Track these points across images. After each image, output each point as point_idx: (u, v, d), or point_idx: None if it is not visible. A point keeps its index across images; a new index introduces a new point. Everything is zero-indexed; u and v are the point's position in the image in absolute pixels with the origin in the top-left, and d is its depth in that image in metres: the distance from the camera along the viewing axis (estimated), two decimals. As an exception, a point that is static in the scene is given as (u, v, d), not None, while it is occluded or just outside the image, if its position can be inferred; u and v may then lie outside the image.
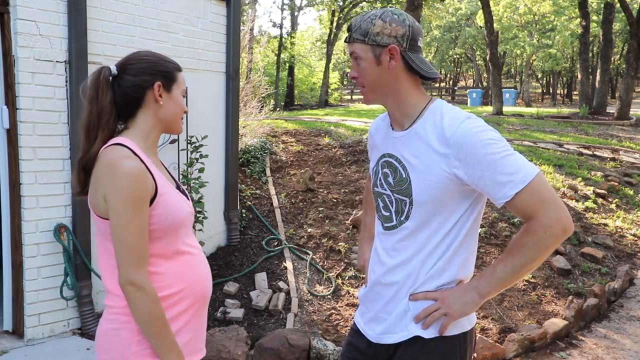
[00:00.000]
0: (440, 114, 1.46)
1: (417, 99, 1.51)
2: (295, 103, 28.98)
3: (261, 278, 4.35)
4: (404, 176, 1.48)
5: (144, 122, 1.54)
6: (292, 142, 7.94)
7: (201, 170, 4.23)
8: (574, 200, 6.30)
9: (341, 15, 26.95)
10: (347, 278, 4.42)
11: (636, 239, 5.78)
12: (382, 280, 1.56)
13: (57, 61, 3.44)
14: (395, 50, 1.44)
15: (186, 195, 1.63)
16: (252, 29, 11.64)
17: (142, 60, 1.53)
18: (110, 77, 1.51)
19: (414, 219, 1.48)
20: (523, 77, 35.11)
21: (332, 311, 4.00)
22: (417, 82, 1.52)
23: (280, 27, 28.78)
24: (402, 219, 1.50)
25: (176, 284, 1.52)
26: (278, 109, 17.45)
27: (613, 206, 6.49)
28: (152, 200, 1.45)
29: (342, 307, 4.06)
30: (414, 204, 1.47)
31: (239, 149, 5.75)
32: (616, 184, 7.11)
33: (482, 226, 5.06)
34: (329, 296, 4.19)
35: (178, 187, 1.63)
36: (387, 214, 1.55)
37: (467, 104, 28.43)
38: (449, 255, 1.48)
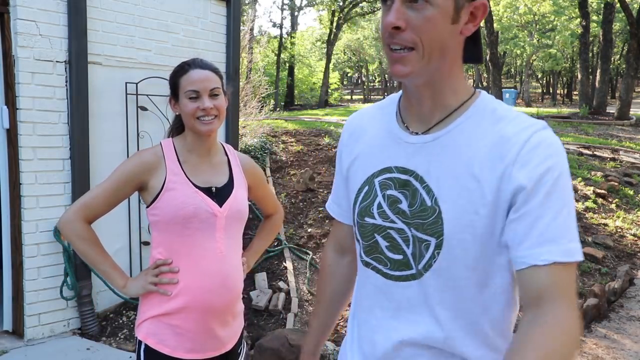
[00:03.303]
0: (498, 114, 0.96)
1: (464, 86, 1.00)
2: (295, 103, 29.00)
3: (261, 278, 4.35)
4: (429, 204, 0.95)
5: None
6: (292, 142, 7.94)
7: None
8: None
9: (341, 15, 26.96)
10: (347, 278, 4.41)
11: (636, 239, 5.78)
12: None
13: (57, 61, 3.44)
14: (485, 10, 0.94)
15: (223, 197, 1.65)
16: (252, 29, 11.64)
17: None
18: None
19: (440, 271, 0.96)
20: (523, 77, 35.12)
21: (332, 311, 3.99)
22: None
23: (280, 27, 28.81)
24: (420, 267, 0.98)
25: (178, 285, 1.61)
26: (278, 109, 17.47)
27: (613, 206, 6.49)
28: (158, 194, 1.60)
29: (342, 307, 4.05)
30: (443, 247, 0.94)
31: (239, 149, 5.75)
32: (616, 184, 7.11)
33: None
34: (329, 296, 4.18)
35: (213, 188, 1.65)
36: (399, 257, 1.01)
37: (467, 104, 28.41)
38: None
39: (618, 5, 16.75)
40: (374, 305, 1.06)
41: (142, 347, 1.62)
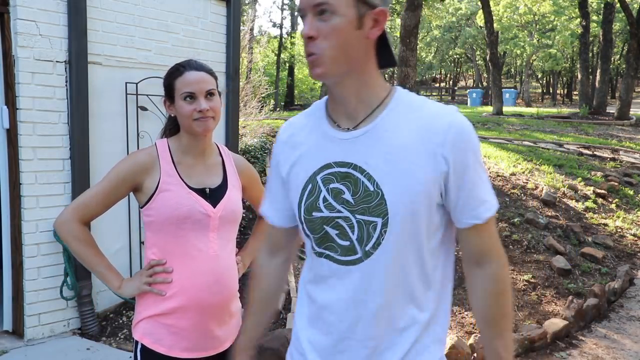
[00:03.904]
0: (416, 104, 1.13)
1: (381, 84, 1.15)
2: (296, 103, 29.00)
3: (261, 278, 4.34)
4: (372, 189, 1.09)
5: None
6: (292, 142, 7.93)
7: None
8: (574, 200, 6.30)
9: (341, 15, 26.94)
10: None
11: (636, 239, 5.78)
12: (356, 335, 1.15)
13: (57, 61, 3.44)
14: (385, 16, 1.09)
15: (217, 198, 1.66)
16: (252, 29, 11.66)
17: None
18: None
19: (388, 246, 1.10)
20: (523, 77, 35.11)
21: (332, 311, 3.99)
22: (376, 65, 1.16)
23: (280, 27, 28.82)
24: (368, 248, 1.11)
25: (172, 285, 1.62)
26: (278, 109, 17.48)
27: (613, 206, 6.49)
28: (152, 195, 1.61)
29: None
30: (389, 225, 1.09)
31: (239, 149, 5.75)
32: (616, 184, 7.11)
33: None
34: (329, 296, 4.18)
35: (207, 189, 1.66)
36: (346, 243, 1.13)
37: (467, 104, 28.43)
38: (432, 297, 1.18)
39: (618, 5, 16.75)
40: (328, 288, 1.17)
41: (139, 347, 1.64)
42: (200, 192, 1.64)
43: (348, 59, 1.08)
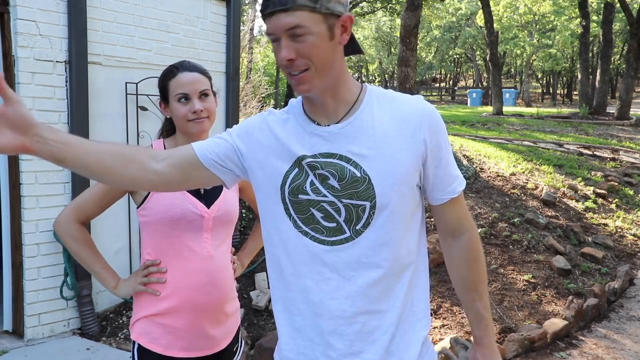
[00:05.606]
0: (388, 96, 1.23)
1: (353, 81, 1.23)
2: (295, 103, 29.04)
3: (261, 278, 4.35)
4: (359, 175, 1.16)
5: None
6: (292, 142, 7.94)
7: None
8: (574, 200, 6.30)
9: (341, 15, 26.95)
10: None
11: (636, 239, 5.78)
12: (358, 309, 1.19)
13: (57, 61, 3.44)
14: (351, 21, 1.15)
15: (212, 198, 1.66)
16: (252, 29, 11.66)
17: None
18: None
19: (377, 225, 1.17)
20: (523, 77, 35.12)
21: (332, 311, 3.99)
22: None
23: (280, 27, 28.80)
24: (358, 227, 1.17)
25: (166, 285, 1.64)
26: (278, 109, 17.46)
27: (613, 206, 6.49)
28: (147, 195, 1.62)
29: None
30: (377, 207, 1.16)
31: (239, 149, 5.75)
32: (616, 184, 7.11)
33: (482, 226, 5.06)
34: (329, 296, 4.17)
35: (201, 189, 1.65)
36: (332, 224, 1.18)
37: (467, 104, 28.44)
38: (417, 275, 1.27)
39: (618, 5, 16.75)
40: (312, 271, 1.21)
41: (136, 346, 1.66)
42: (195, 192, 1.64)
43: (329, 69, 1.15)
